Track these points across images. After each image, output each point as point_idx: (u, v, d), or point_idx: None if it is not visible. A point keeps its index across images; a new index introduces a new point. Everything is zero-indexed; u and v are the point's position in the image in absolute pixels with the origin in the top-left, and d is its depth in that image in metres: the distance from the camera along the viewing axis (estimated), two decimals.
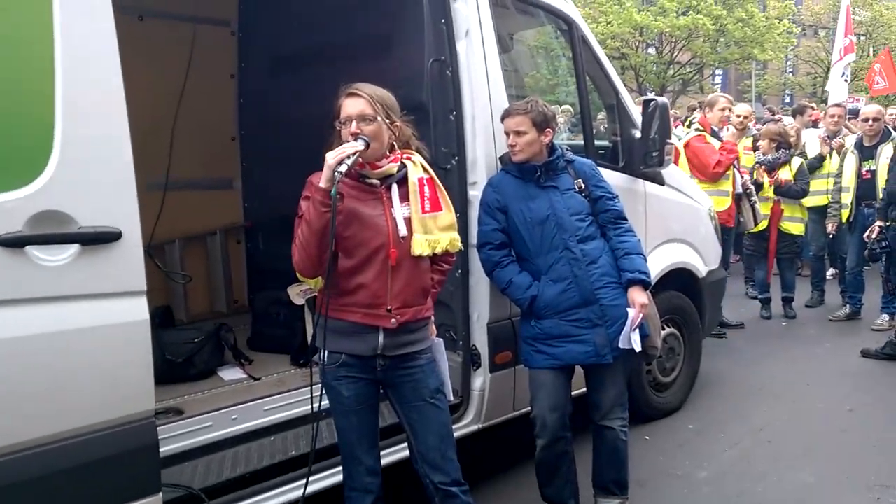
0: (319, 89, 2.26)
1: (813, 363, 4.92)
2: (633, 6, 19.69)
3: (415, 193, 2.14)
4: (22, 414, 1.76)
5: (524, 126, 2.63)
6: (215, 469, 2.43)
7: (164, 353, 2.92)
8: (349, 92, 2.13)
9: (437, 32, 2.81)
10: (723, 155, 5.17)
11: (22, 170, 1.74)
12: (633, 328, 2.62)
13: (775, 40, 21.14)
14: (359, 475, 2.21)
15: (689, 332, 4.05)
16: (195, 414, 2.64)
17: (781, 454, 3.50)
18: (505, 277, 2.69)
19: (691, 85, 23.21)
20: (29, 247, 1.74)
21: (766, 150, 5.84)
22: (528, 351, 2.72)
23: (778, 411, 4.04)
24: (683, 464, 3.42)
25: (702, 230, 4.14)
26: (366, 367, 2.16)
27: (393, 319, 2.12)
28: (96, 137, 1.85)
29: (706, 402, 4.15)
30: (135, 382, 1.92)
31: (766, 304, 6.06)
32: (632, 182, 3.52)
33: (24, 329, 1.74)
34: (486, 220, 2.72)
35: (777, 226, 5.81)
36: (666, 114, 3.46)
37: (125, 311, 1.89)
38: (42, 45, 1.76)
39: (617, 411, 2.75)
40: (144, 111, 2.07)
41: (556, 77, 5.46)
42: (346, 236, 2.09)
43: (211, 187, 4.13)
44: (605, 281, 2.65)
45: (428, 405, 2.21)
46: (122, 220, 1.87)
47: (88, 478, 1.85)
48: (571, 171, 2.74)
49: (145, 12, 3.52)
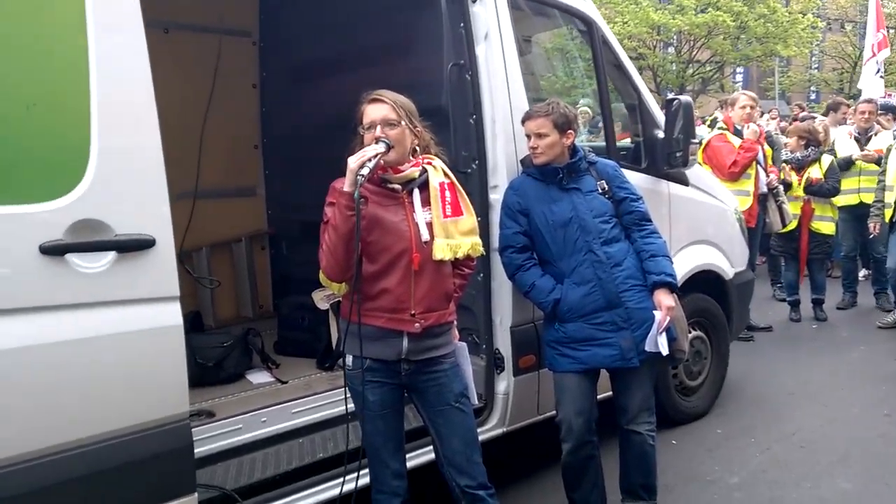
0: (339, 96, 2.30)
1: (846, 367, 4.79)
2: (649, 5, 19.39)
3: (436, 198, 2.16)
4: (64, 416, 1.82)
5: (545, 128, 2.63)
6: (246, 470, 2.47)
7: (195, 356, 2.98)
8: (372, 98, 2.16)
9: (457, 36, 2.83)
10: (740, 154, 5.09)
11: (61, 181, 1.81)
12: (660, 331, 2.60)
13: (799, 35, 20.67)
14: (385, 478, 2.24)
15: (716, 336, 3.99)
16: (226, 416, 2.69)
17: (816, 460, 3.41)
18: (527, 281, 2.69)
19: (711, 84, 22.88)
20: (69, 254, 1.80)
21: (794, 148, 5.75)
22: (553, 355, 2.71)
23: (810, 416, 3.94)
24: (713, 469, 3.36)
25: (728, 231, 4.09)
26: (390, 371, 2.19)
27: (417, 324, 2.14)
28: (130, 149, 1.91)
29: (734, 407, 4.08)
30: (170, 385, 1.97)
31: (795, 307, 5.94)
32: (655, 183, 3.50)
33: (64, 334, 1.80)
34: (507, 224, 2.72)
35: (808, 225, 5.71)
36: (690, 113, 3.43)
37: (160, 316, 1.94)
38: (77, 61, 1.83)
39: (644, 415, 2.73)
40: (173, 122, 2.13)
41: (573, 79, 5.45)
42: (369, 241, 2.11)
43: (235, 195, 4.20)
44: (629, 283, 2.64)
45: (453, 409, 2.23)
46: (156, 228, 1.93)
47: (129, 478, 1.91)
48: (594, 172, 2.73)
49: (170, 25, 3.60)
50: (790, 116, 11.49)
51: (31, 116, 1.77)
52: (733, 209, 4.22)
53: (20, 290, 1.75)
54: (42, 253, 1.76)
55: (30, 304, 1.76)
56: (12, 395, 1.74)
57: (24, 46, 1.78)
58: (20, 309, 1.75)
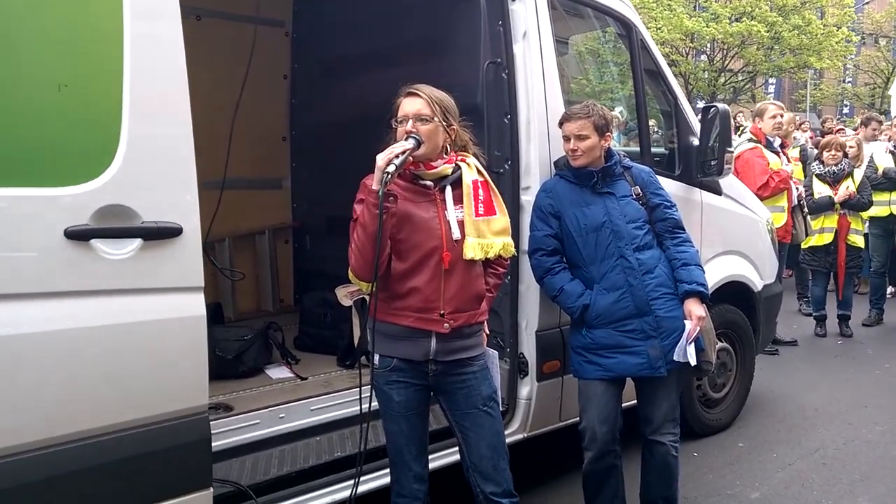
0: (371, 92, 2.26)
1: (871, 384, 4.73)
2: (683, 12, 19.29)
3: (468, 196, 2.12)
4: (82, 404, 1.79)
5: (586, 130, 2.57)
6: (262, 466, 2.44)
7: (215, 349, 2.96)
8: (409, 91, 2.12)
9: (494, 34, 2.78)
10: (773, 182, 4.97)
11: (89, 165, 1.78)
12: (690, 341, 2.54)
13: (833, 48, 20.44)
14: (406, 481, 2.19)
15: (742, 348, 3.94)
16: (244, 411, 2.66)
17: (838, 478, 3.36)
18: (556, 285, 2.64)
19: (743, 93, 22.63)
20: (94, 240, 1.78)
21: (830, 162, 5.61)
22: (579, 361, 2.66)
23: (833, 433, 3.88)
24: (734, 483, 3.32)
25: (759, 243, 4.02)
26: (417, 372, 2.14)
27: (446, 324, 2.09)
28: (161, 136, 1.88)
29: (757, 421, 4.03)
30: (191, 376, 1.94)
31: (821, 322, 5.85)
32: (688, 191, 3.44)
33: (86, 321, 1.77)
34: (538, 226, 2.67)
35: (845, 239, 5.58)
36: (726, 121, 3.37)
37: (183, 306, 1.91)
38: (112, 46, 1.80)
39: (668, 426, 2.67)
40: (203, 110, 2.10)
41: (605, 82, 5.38)
42: (399, 239, 2.07)
43: (261, 187, 4.19)
44: (660, 291, 2.58)
45: (480, 413, 2.18)
46: (183, 217, 1.90)
47: (145, 470, 1.88)
48: (629, 177, 2.67)
49: (202, 13, 3.59)
50: (820, 130, 11.28)
51: (63, 98, 1.74)
52: (765, 220, 4.14)
53: (43, 274, 1.72)
54: (67, 237, 1.74)
55: (52, 288, 1.74)
56: (30, 381, 1.71)
57: (59, 26, 1.76)
58: (42, 294, 1.73)
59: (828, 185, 5.56)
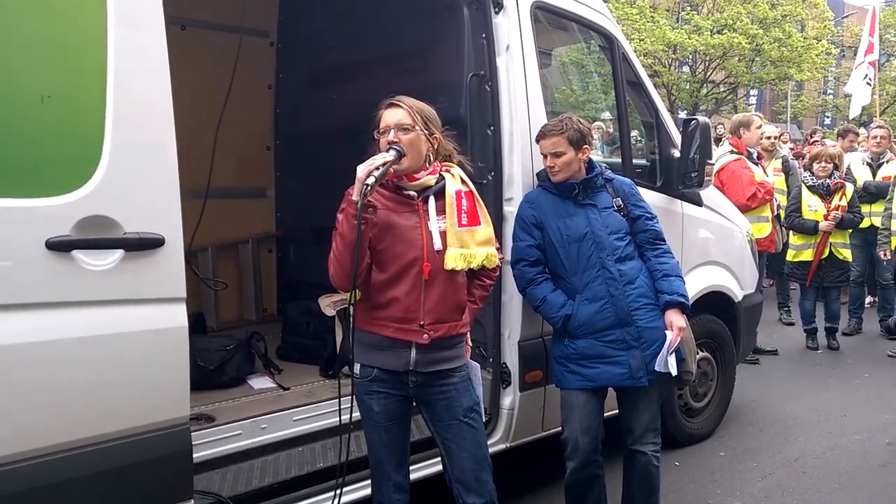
0: (355, 102, 2.27)
1: (850, 393, 4.78)
2: (666, 24, 19.54)
3: (451, 206, 2.12)
4: (63, 416, 1.78)
5: (561, 146, 2.60)
6: (244, 477, 2.43)
7: (196, 359, 2.94)
8: (390, 102, 2.14)
9: (478, 47, 2.81)
10: (760, 193, 5.04)
11: (71, 175, 1.78)
12: (671, 351, 2.57)
13: (813, 61, 20.79)
14: (387, 490, 2.19)
15: (723, 358, 3.97)
16: (226, 422, 2.64)
17: (818, 487, 3.39)
18: (538, 295, 2.66)
19: (725, 104, 22.93)
20: (75, 251, 1.77)
21: (821, 174, 5.47)
22: (561, 371, 2.67)
23: (813, 442, 3.92)
24: (715, 493, 3.34)
25: (738, 253, 4.06)
26: (398, 382, 2.14)
27: (426, 335, 2.09)
28: (144, 145, 1.88)
29: (738, 430, 4.06)
30: (172, 388, 1.94)
31: (812, 335, 5.83)
32: (669, 202, 3.48)
33: (67, 332, 1.77)
34: (521, 236, 2.69)
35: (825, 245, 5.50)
36: (707, 134, 3.41)
37: (165, 317, 1.91)
38: (96, 56, 1.81)
39: (650, 436, 2.69)
40: (187, 120, 2.10)
41: (589, 92, 5.43)
42: (379, 249, 2.08)
43: (245, 196, 4.18)
44: (641, 302, 2.61)
45: (462, 424, 2.18)
46: (166, 227, 1.90)
47: (126, 482, 1.87)
48: (610, 189, 2.70)
49: (187, 22, 3.59)
50: (801, 141, 11.43)
51: (45, 109, 1.74)
52: (745, 231, 4.19)
53: (24, 285, 1.72)
54: (48, 248, 1.73)
55: (33, 299, 1.73)
56: (10, 392, 1.70)
57: (42, 37, 1.76)
58: (23, 305, 1.72)
59: (819, 198, 5.45)
